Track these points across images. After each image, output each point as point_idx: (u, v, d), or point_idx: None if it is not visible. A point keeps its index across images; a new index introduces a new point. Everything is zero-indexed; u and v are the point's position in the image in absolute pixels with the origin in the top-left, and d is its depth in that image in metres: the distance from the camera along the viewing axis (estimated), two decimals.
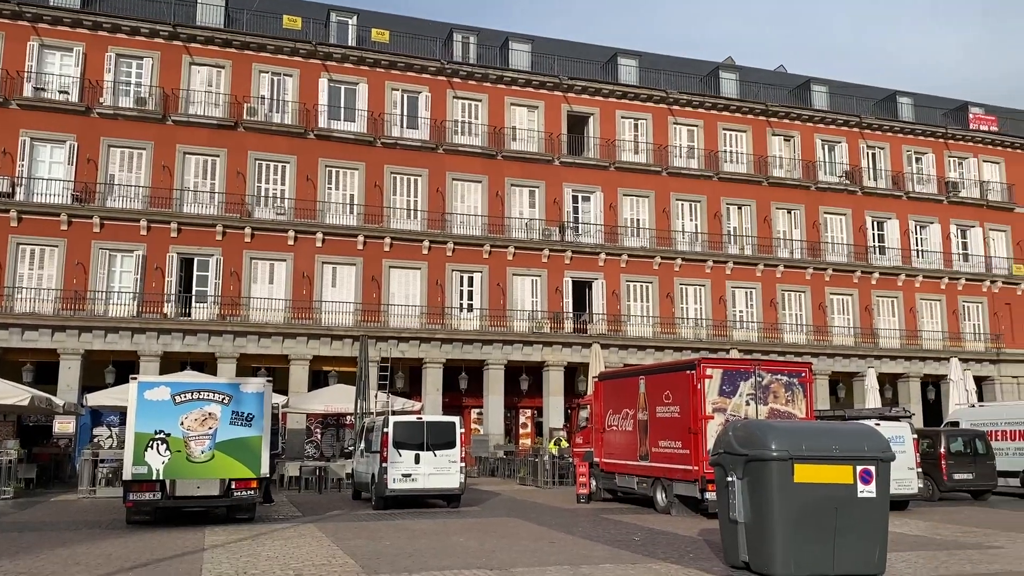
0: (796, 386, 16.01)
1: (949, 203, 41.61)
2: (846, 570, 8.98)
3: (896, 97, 43.24)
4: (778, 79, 43.49)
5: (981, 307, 41.09)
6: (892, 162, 41.35)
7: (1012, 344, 40.84)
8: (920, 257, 40.83)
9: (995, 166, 43.25)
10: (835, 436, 9.51)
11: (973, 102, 45.02)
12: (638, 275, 36.35)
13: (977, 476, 20.38)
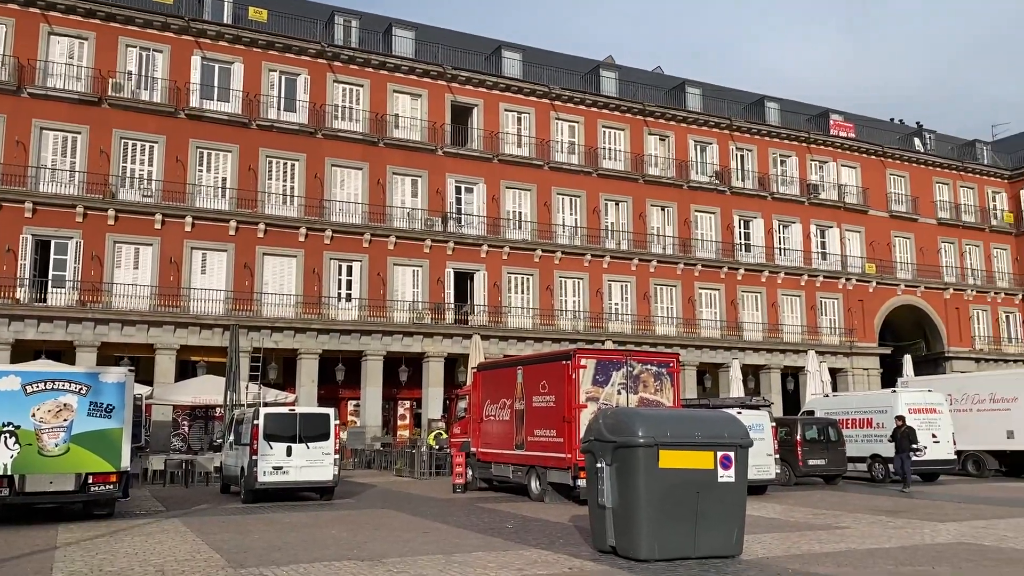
0: (664, 376, 16.57)
1: (810, 204, 44.05)
2: (706, 552, 9.39)
3: (764, 102, 45.37)
4: (655, 80, 44.81)
5: (837, 303, 43.75)
6: (759, 164, 43.40)
7: (863, 338, 43.72)
8: (782, 255, 43.05)
9: (852, 170, 46.09)
10: (698, 423, 9.92)
11: (834, 109, 47.79)
12: (519, 267, 36.72)
13: (829, 462, 21.72)
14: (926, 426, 22.46)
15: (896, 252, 46.25)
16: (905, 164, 47.67)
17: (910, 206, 47.03)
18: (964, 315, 47.12)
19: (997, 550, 10.37)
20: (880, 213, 46.02)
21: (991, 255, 49.30)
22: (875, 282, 44.56)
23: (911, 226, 46.94)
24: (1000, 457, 24.48)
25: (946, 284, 46.72)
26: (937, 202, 48.22)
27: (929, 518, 13.89)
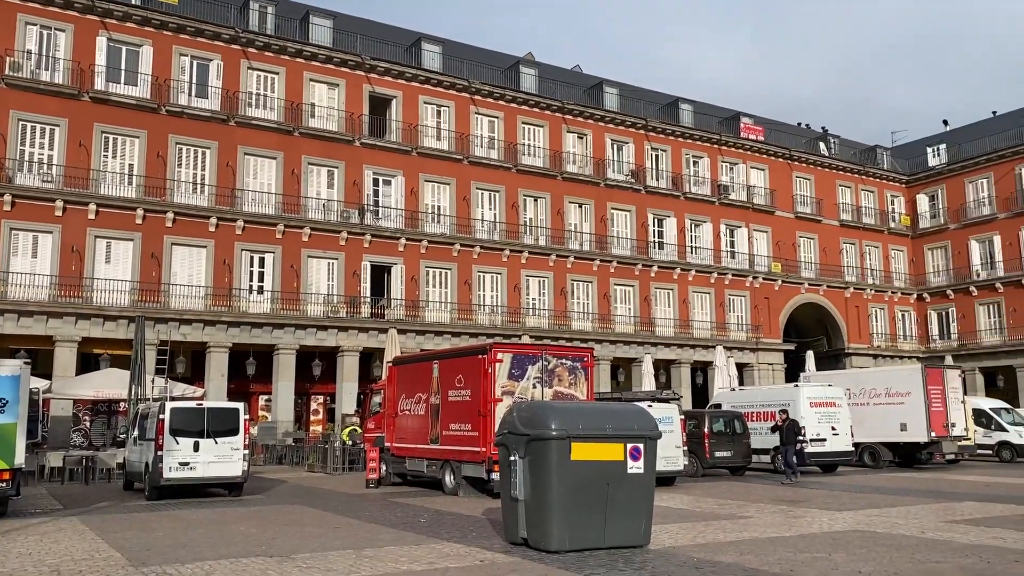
0: (579, 370, 16.82)
1: (720, 204, 45.31)
2: (615, 542, 9.59)
3: (679, 103, 46.41)
4: (574, 78, 45.30)
5: (744, 300, 45.17)
6: (673, 164, 44.39)
7: (769, 334, 45.27)
8: (694, 253, 44.18)
9: (761, 172, 47.61)
10: (609, 416, 10.11)
11: (745, 112, 49.27)
12: (437, 261, 36.62)
13: (735, 453, 22.45)
14: (826, 419, 23.47)
15: (801, 252, 48.02)
16: (810, 167, 49.53)
17: (814, 208, 48.89)
18: (863, 313, 49.31)
19: (888, 536, 10.91)
20: (786, 214, 47.70)
21: (889, 256, 51.71)
22: (780, 280, 46.18)
23: (815, 227, 48.82)
24: (894, 448, 25.75)
25: (847, 283, 48.78)
26: (840, 204, 50.28)
27: (827, 507, 14.51)
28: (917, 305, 51.68)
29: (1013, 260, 46.96)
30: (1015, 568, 8.51)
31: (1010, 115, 50.91)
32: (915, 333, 51.34)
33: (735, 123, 47.66)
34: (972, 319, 48.68)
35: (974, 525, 11.94)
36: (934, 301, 50.95)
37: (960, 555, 9.34)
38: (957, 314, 49.56)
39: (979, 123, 53.68)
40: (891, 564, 8.80)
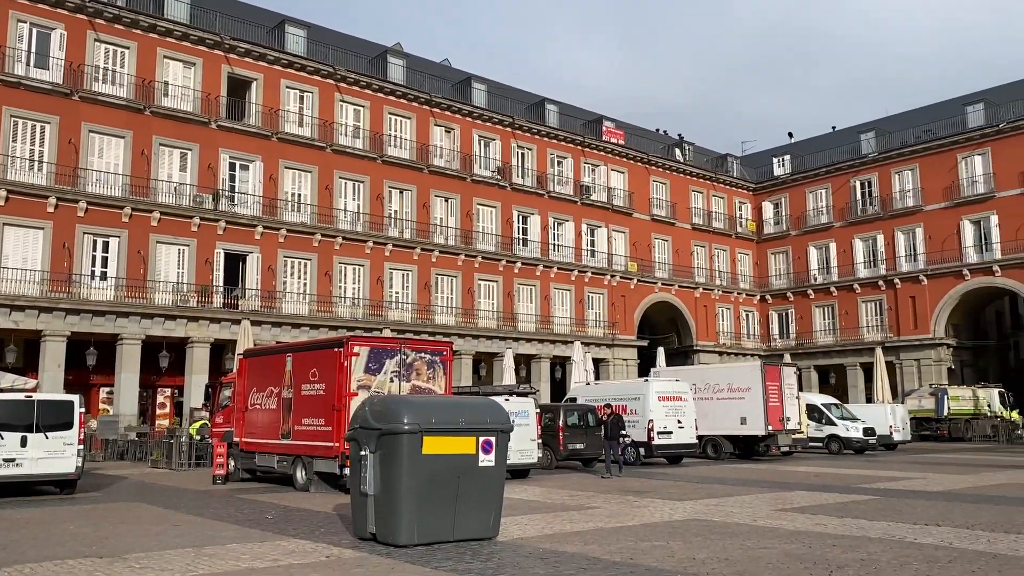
0: (438, 364, 16.81)
1: (582, 204, 46.48)
2: (464, 535, 9.67)
3: (545, 104, 47.22)
4: (443, 72, 45.24)
5: (602, 298, 46.54)
6: (538, 163, 45.13)
7: (624, 331, 46.86)
8: (556, 251, 45.12)
9: (620, 175, 49.17)
10: (463, 410, 10.17)
11: (607, 116, 50.73)
12: (297, 251, 35.69)
13: (588, 446, 23.07)
14: (673, 413, 24.53)
15: (656, 252, 49.98)
16: (667, 172, 51.60)
17: (669, 211, 50.98)
18: (711, 312, 51.90)
19: (723, 525, 11.53)
20: (643, 216, 49.51)
21: (736, 259, 54.64)
22: (636, 280, 47.89)
23: (669, 229, 50.93)
24: (734, 441, 27.21)
25: (697, 284, 51.18)
26: (692, 209, 52.66)
27: (670, 497, 15.18)
28: (760, 306, 54.88)
29: (846, 266, 50.66)
30: (831, 552, 9.19)
31: (847, 131, 54.85)
32: (758, 332, 54.51)
33: (598, 126, 48.96)
34: (809, 320, 52.19)
35: (800, 513, 12.81)
36: (775, 302, 54.26)
37: (785, 541, 9.99)
38: (796, 315, 53.00)
39: (820, 137, 57.57)
40: (723, 551, 9.30)
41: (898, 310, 47.86)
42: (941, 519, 11.89)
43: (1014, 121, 44.00)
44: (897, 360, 46.85)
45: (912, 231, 48.04)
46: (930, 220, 47.25)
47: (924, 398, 41.59)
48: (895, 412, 33.89)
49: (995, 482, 18.22)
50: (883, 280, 48.63)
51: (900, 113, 53.12)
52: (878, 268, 49.33)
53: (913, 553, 9.07)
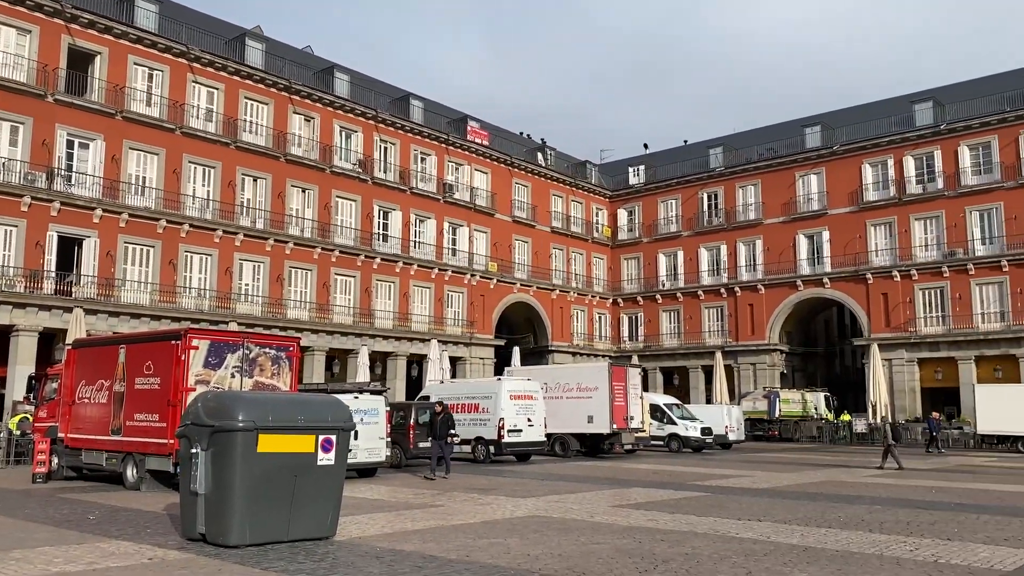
0: (283, 360, 16.35)
1: (445, 203, 46.47)
2: (299, 535, 9.46)
3: (410, 99, 46.87)
4: (304, 59, 44.05)
5: (462, 296, 46.72)
6: (401, 158, 44.74)
7: (482, 330, 47.22)
8: (417, 248, 44.88)
9: (484, 175, 49.52)
10: (302, 407, 9.93)
11: (473, 116, 50.93)
12: (140, 237, 33.78)
13: None
14: (523, 411, 24.97)
15: (516, 254, 50.66)
16: (529, 175, 52.42)
17: (530, 213, 51.81)
18: (566, 314, 53.15)
19: (561, 521, 11.82)
20: (504, 217, 50.07)
21: (591, 263, 56.22)
22: (496, 279, 48.38)
23: (529, 231, 51.76)
24: (581, 439, 28.01)
25: (554, 285, 52.28)
26: (552, 212, 53.75)
27: (514, 495, 15.41)
28: (612, 309, 56.71)
29: (692, 274, 53.14)
30: (659, 547, 9.61)
31: (698, 145, 57.55)
32: (609, 334, 56.32)
33: (463, 125, 49.09)
34: (657, 323, 54.39)
35: (635, 509, 13.32)
36: (626, 306, 56.23)
37: (618, 537, 10.36)
38: (645, 318, 55.12)
39: (673, 149, 60.11)
40: (558, 547, 9.54)
41: (737, 316, 50.67)
42: (763, 515, 12.67)
43: (846, 144, 47.51)
44: (735, 364, 49.60)
45: (753, 243, 50.98)
46: (769, 233, 50.30)
47: (758, 400, 44.26)
48: (731, 413, 35.88)
49: (815, 480, 19.61)
50: (725, 288, 51.35)
51: (746, 131, 56.25)
52: (721, 276, 52.03)
53: (734, 547, 9.61)
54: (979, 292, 42.54)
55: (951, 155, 44.04)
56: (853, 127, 47.91)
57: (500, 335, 48.85)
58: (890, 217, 45.86)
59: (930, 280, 44.02)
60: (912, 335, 44.08)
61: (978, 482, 19.08)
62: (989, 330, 41.82)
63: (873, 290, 45.63)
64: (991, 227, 42.68)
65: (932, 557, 8.99)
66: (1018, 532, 10.94)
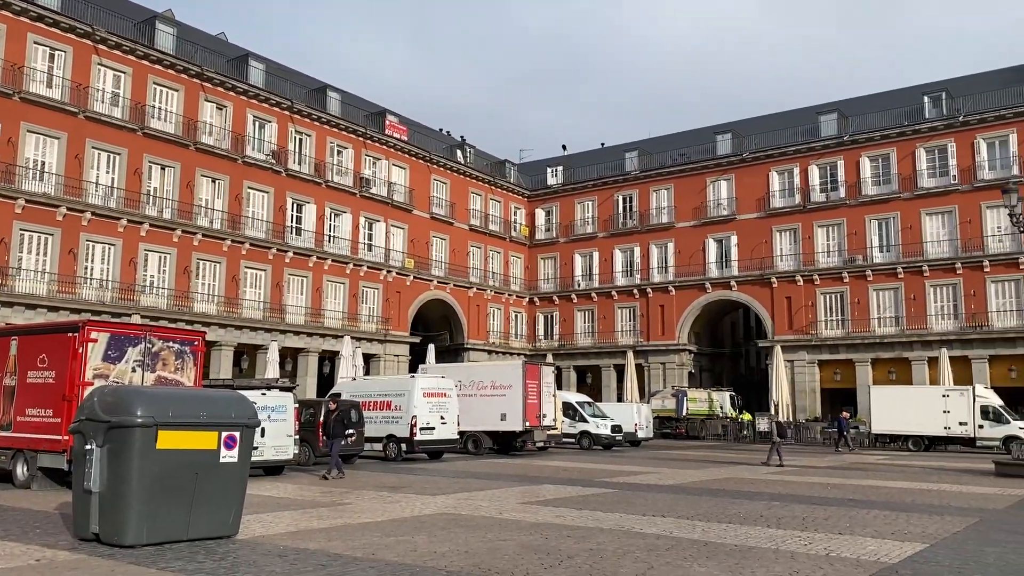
0: (188, 354, 15.89)
1: (362, 197, 45.92)
2: (200, 534, 9.20)
3: (327, 90, 46.12)
4: (218, 45, 42.86)
5: (377, 293, 46.25)
6: (317, 150, 43.98)
7: (397, 327, 46.87)
8: (331, 243, 44.20)
9: (402, 171, 49.14)
10: (205, 403, 9.66)
11: (391, 111, 50.49)
12: (38, 224, 32.26)
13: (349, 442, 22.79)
14: (436, 409, 24.90)
15: (433, 251, 50.48)
16: (448, 172, 52.28)
17: (448, 211, 51.70)
18: (483, 312, 53.25)
19: (470, 518, 11.84)
20: (422, 213, 49.82)
21: (509, 261, 56.48)
22: (413, 276, 48.09)
23: (447, 229, 51.64)
24: (494, 436, 28.12)
25: (471, 283, 52.31)
26: (471, 210, 53.77)
27: (424, 492, 15.36)
28: (528, 307, 57.11)
29: (607, 274, 53.99)
30: (564, 543, 9.73)
31: (614, 148, 58.46)
32: (525, 332, 56.71)
33: (381, 119, 48.60)
34: (571, 323, 55.06)
35: (544, 506, 13.45)
36: (542, 305, 56.72)
37: (525, 533, 10.44)
38: (560, 317, 55.72)
39: (591, 152, 60.93)
40: (465, 544, 9.55)
41: (649, 317, 51.73)
42: (667, 510, 12.98)
43: (755, 152, 49.07)
44: (646, 363, 50.64)
45: (665, 245, 52.14)
46: (681, 236, 51.52)
47: (667, 399, 45.34)
48: (641, 411, 36.63)
49: (718, 477, 20.19)
50: (637, 289, 52.34)
51: (661, 136, 57.47)
52: (634, 277, 53.02)
53: (637, 542, 9.82)
54: (876, 297, 44.59)
55: (853, 166, 46.01)
56: (762, 136, 49.54)
57: (416, 332, 48.59)
58: (795, 224, 47.61)
59: (831, 285, 45.89)
60: (813, 337, 45.87)
61: (870, 479, 19.99)
62: (884, 334, 43.87)
63: (777, 294, 47.28)
64: (888, 236, 44.79)
65: (824, 551, 9.37)
66: (904, 526, 11.51)
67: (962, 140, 43.01)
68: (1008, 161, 41.56)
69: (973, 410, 32.88)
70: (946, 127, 43.42)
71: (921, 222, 43.67)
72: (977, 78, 46.04)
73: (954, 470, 23.11)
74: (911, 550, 9.45)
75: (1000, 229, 40.74)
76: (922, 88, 46.34)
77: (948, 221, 43.12)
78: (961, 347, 40.94)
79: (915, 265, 43.28)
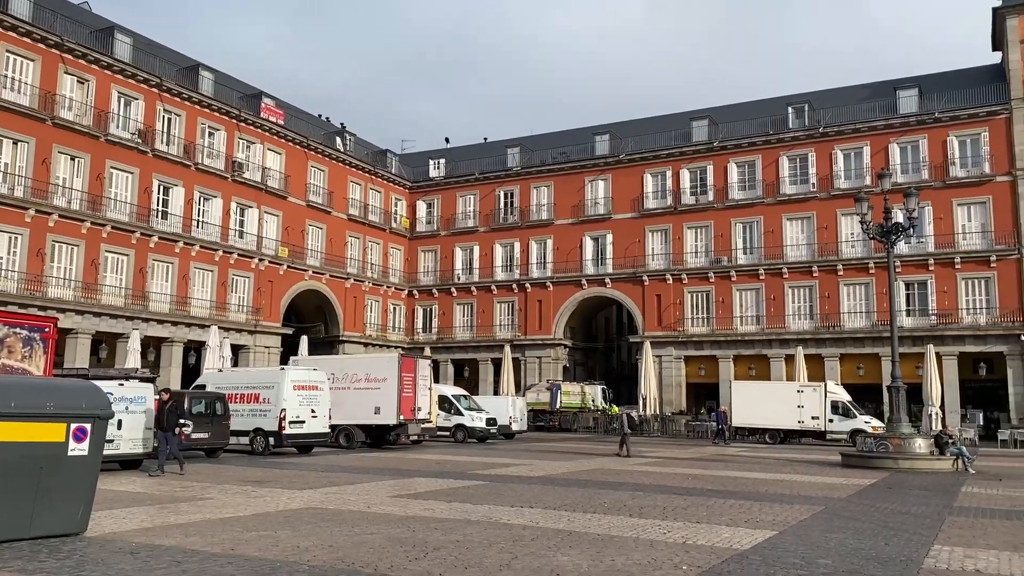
0: (37, 341, 14.93)
1: (234, 181, 44.29)
2: (44, 531, 8.68)
3: (199, 69, 44.20)
4: (80, 15, 40.38)
5: (248, 281, 44.76)
6: (187, 131, 42.10)
7: (269, 317, 45.54)
8: (200, 228, 42.43)
9: (278, 156, 47.71)
10: (52, 393, 9.11)
11: (268, 93, 48.93)
12: None
13: (212, 435, 21.99)
14: (307, 402, 24.34)
15: (309, 239, 49.31)
16: (326, 159, 51.18)
17: (326, 199, 50.62)
18: (360, 303, 52.49)
19: (337, 512, 11.65)
20: (298, 201, 48.57)
21: (388, 253, 55.88)
22: (286, 265, 46.82)
23: (325, 217, 50.57)
24: (367, 430, 27.74)
25: (349, 274, 51.43)
26: (350, 199, 52.84)
27: (291, 487, 15.00)
28: (408, 300, 56.71)
29: (487, 269, 54.29)
30: (432, 535, 9.73)
31: (497, 144, 58.83)
32: (403, 325, 56.29)
33: (257, 102, 47.03)
34: (451, 316, 55.08)
35: (414, 499, 13.40)
36: (422, 298, 56.46)
37: (393, 526, 10.37)
38: (439, 311, 55.62)
39: (474, 146, 61.08)
40: (330, 537, 9.40)
41: (527, 312, 52.41)
42: (535, 501, 13.19)
43: (631, 154, 50.48)
44: (523, 357, 51.29)
45: (544, 241, 52.91)
46: (559, 233, 52.42)
47: (541, 392, 46.07)
48: (515, 404, 37.06)
49: (587, 468, 20.69)
50: (516, 284, 52.92)
51: (542, 133, 58.23)
52: (513, 272, 53.56)
53: (504, 533, 9.93)
54: (739, 297, 46.78)
55: (721, 170, 48.05)
56: (638, 138, 51.01)
57: (289, 324, 47.36)
58: (666, 224, 49.29)
59: (698, 284, 47.80)
60: (680, 334, 47.67)
61: (729, 470, 20.97)
62: (746, 332, 46.09)
63: (648, 291, 48.85)
64: (752, 239, 47.05)
65: (682, 539, 9.76)
66: (756, 515, 12.14)
67: (821, 150, 45.70)
68: (862, 172, 44.46)
69: (824, 405, 35.04)
70: (807, 137, 46.02)
71: (782, 227, 46.10)
72: (837, 92, 49.00)
73: (805, 462, 24.55)
74: (761, 537, 9.97)
75: (853, 236, 43.53)
76: (787, 99, 48.86)
77: (807, 226, 45.72)
78: (815, 346, 43.51)
79: (775, 267, 45.66)
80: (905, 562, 8.52)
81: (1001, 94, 42.13)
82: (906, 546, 9.52)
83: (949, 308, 41.61)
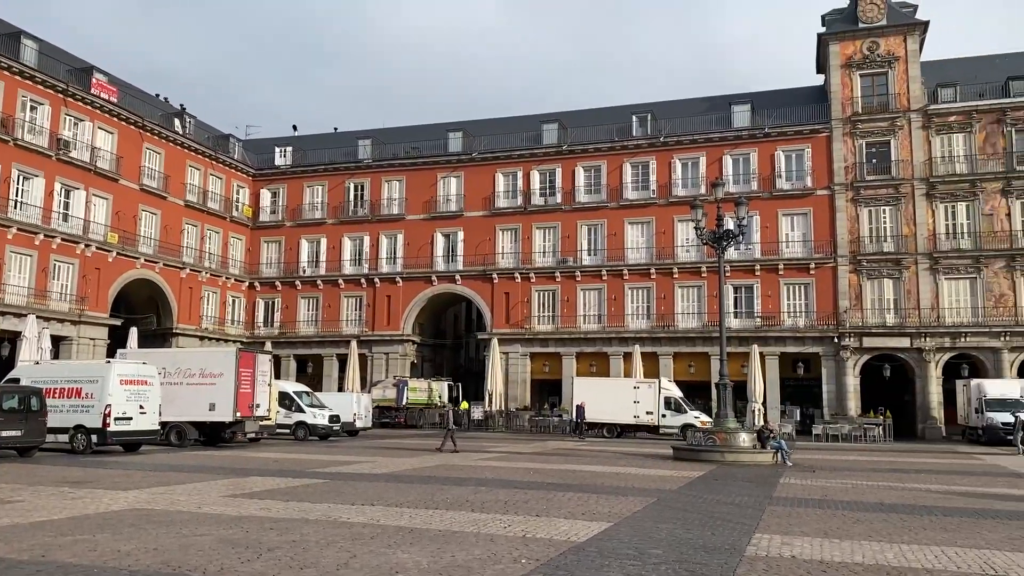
0: None
1: (58, 160, 41.04)
2: None
3: (22, 37, 40.66)
4: None
5: (72, 268, 41.60)
6: (5, 104, 38.61)
7: (95, 307, 42.52)
8: (18, 209, 39.05)
9: (109, 135, 44.62)
10: None
11: (100, 68, 45.65)
12: None
13: (26, 432, 20.31)
14: (135, 397, 22.94)
15: (142, 226, 46.46)
16: (163, 142, 48.39)
17: (162, 183, 47.86)
18: (196, 295, 49.97)
19: (164, 513, 11.03)
20: (131, 184, 45.65)
21: (228, 243, 53.53)
22: (116, 252, 43.89)
23: (160, 203, 47.81)
24: (201, 427, 26.47)
25: (184, 264, 48.85)
26: (187, 185, 50.22)
27: (114, 487, 14.07)
28: (248, 292, 54.57)
29: (334, 262, 53.13)
30: (267, 536, 9.38)
31: (348, 134, 57.65)
32: (243, 319, 54.11)
33: (87, 76, 43.78)
34: (294, 310, 53.50)
35: (249, 498, 12.90)
36: (264, 290, 54.49)
37: (225, 527, 9.92)
38: (282, 304, 53.88)
39: (323, 135, 59.57)
40: (155, 540, 8.87)
41: (375, 307, 51.71)
42: (376, 499, 13.02)
43: (484, 153, 50.87)
44: (370, 353, 50.57)
45: (395, 236, 52.38)
46: (410, 228, 52.05)
47: (388, 388, 45.64)
48: (360, 401, 36.50)
49: (431, 464, 20.67)
50: (365, 278, 52.10)
51: (395, 127, 57.57)
52: (362, 267, 52.71)
53: (343, 532, 9.72)
54: (583, 297, 48.17)
55: (569, 174, 49.30)
56: (491, 138, 51.47)
57: (117, 315, 44.39)
58: (516, 224, 50.02)
59: (545, 283, 48.84)
60: (527, 332, 48.53)
61: (569, 463, 21.53)
62: (589, 330, 47.52)
63: (497, 289, 49.41)
64: (596, 241, 48.57)
65: (521, 532, 9.91)
66: (593, 507, 12.52)
67: (662, 158, 47.81)
68: (698, 180, 46.87)
69: (658, 401, 36.74)
70: (649, 145, 48.03)
71: (624, 230, 47.87)
72: (678, 104, 51.40)
73: (640, 455, 25.59)
74: (597, 529, 10.28)
75: (688, 241, 45.81)
76: (632, 108, 50.75)
77: (646, 231, 47.70)
78: (652, 344, 45.50)
79: (617, 269, 47.34)
80: (730, 550, 9.02)
81: (823, 114, 45.64)
82: (731, 535, 10.09)
83: (772, 311, 44.63)
